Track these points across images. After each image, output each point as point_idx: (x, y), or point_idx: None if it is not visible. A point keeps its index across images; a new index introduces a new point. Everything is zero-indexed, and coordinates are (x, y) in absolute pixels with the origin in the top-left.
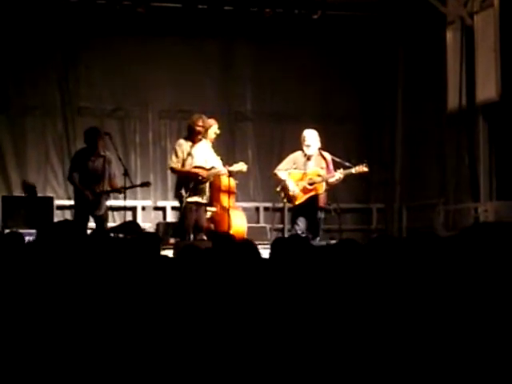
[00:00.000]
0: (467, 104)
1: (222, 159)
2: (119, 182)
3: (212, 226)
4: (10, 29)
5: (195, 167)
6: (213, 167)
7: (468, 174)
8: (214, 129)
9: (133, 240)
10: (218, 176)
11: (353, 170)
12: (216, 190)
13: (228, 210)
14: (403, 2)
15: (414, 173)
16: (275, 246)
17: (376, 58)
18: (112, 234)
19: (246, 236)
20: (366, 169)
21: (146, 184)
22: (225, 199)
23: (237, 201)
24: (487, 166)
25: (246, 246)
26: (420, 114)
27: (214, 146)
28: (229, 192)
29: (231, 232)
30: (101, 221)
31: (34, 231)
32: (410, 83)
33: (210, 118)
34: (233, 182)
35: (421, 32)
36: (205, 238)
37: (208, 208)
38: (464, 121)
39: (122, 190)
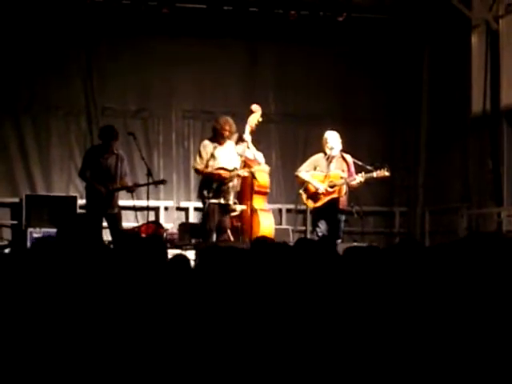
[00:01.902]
0: (491, 108)
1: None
2: (133, 181)
3: (239, 224)
4: (36, 28)
5: (218, 168)
6: (235, 168)
7: (491, 178)
8: (256, 116)
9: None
10: (250, 175)
11: (374, 174)
12: (247, 188)
13: (257, 211)
14: (429, 5)
15: (438, 176)
16: (298, 247)
17: (401, 61)
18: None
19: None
20: (387, 173)
21: (161, 182)
22: (255, 199)
23: None
24: (511, 171)
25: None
26: (444, 117)
27: (252, 135)
28: (261, 192)
29: (259, 233)
30: (114, 220)
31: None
32: (435, 87)
33: (253, 104)
34: (266, 182)
35: (446, 35)
36: (232, 238)
37: (237, 206)
38: (488, 125)
39: (135, 188)
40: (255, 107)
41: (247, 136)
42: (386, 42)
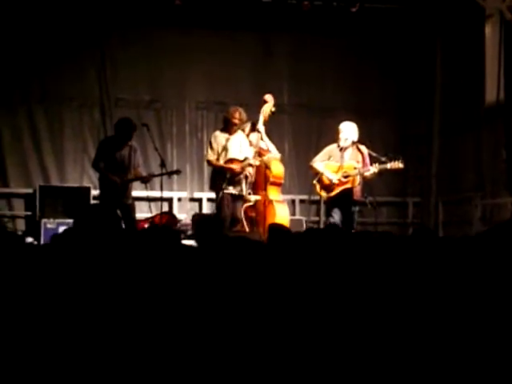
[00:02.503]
0: (505, 98)
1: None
2: (146, 172)
3: (254, 214)
4: (49, 20)
5: (229, 160)
6: (246, 158)
7: (505, 168)
8: (269, 106)
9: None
10: (264, 165)
11: (388, 166)
12: (261, 179)
13: (272, 201)
14: None
15: (451, 166)
16: (308, 237)
17: (414, 52)
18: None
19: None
20: (401, 165)
21: (175, 172)
22: (270, 190)
23: None
24: None
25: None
26: (457, 107)
27: (265, 125)
28: (276, 183)
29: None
30: (128, 210)
31: (70, 221)
32: (448, 77)
33: (266, 93)
34: (281, 173)
35: (459, 25)
36: (247, 229)
37: (252, 196)
38: (501, 114)
39: (150, 178)
40: (268, 97)
41: (261, 127)
42: (398, 33)
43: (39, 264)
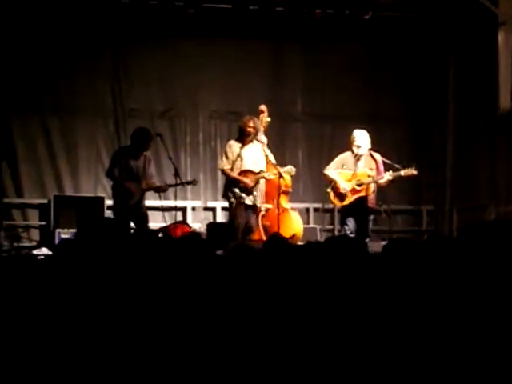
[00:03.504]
0: None
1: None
2: (160, 181)
3: (268, 223)
4: (62, 29)
5: (244, 171)
6: (261, 171)
7: None
8: (265, 116)
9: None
10: (279, 174)
11: (402, 173)
12: (273, 188)
13: (287, 210)
14: (454, 2)
15: (465, 174)
16: (327, 246)
17: (427, 59)
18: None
19: (302, 235)
20: (415, 172)
21: (192, 182)
22: (282, 199)
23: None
24: None
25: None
26: (471, 114)
27: (266, 135)
28: (284, 191)
29: (292, 231)
30: (142, 220)
31: None
32: (461, 84)
33: (259, 105)
34: (289, 181)
35: (472, 32)
36: (264, 237)
37: (264, 205)
38: None
39: (167, 188)
40: (263, 107)
41: (263, 138)
42: (411, 40)
43: (37, 275)
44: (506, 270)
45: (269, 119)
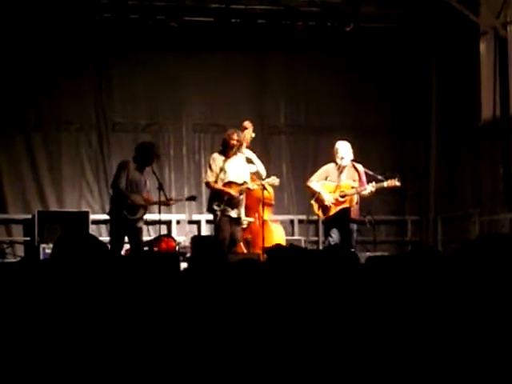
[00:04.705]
0: (501, 115)
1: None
2: (154, 196)
3: (250, 236)
4: (45, 45)
5: (228, 183)
6: (245, 182)
7: (503, 184)
8: (249, 132)
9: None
10: (262, 186)
11: (385, 184)
12: (254, 201)
13: (267, 221)
14: (436, 13)
15: (449, 184)
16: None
17: (409, 70)
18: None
19: None
20: (398, 183)
21: (192, 198)
22: (264, 211)
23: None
24: None
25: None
26: (454, 125)
27: (253, 150)
28: (267, 204)
29: (272, 244)
30: (137, 233)
31: None
32: (444, 94)
33: (245, 121)
34: (272, 194)
35: (454, 43)
36: (245, 250)
37: (245, 218)
38: (498, 132)
39: (170, 203)
40: (247, 123)
41: (246, 151)
42: (394, 51)
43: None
44: (493, 281)
45: (253, 135)
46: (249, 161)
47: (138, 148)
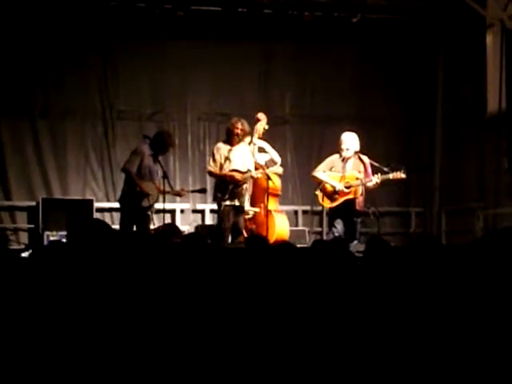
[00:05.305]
0: (507, 107)
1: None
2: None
3: (254, 226)
4: (51, 32)
5: (231, 171)
6: (249, 170)
7: (507, 177)
8: (262, 124)
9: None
10: (263, 177)
11: (390, 176)
12: (260, 191)
13: (271, 212)
14: (443, 4)
15: (454, 177)
16: (315, 248)
17: (416, 61)
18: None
19: (287, 238)
20: (403, 175)
21: (203, 190)
22: (269, 201)
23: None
24: None
25: (284, 249)
26: (459, 117)
27: (267, 141)
28: (273, 194)
29: (274, 234)
30: (145, 221)
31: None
32: (450, 86)
33: (259, 112)
34: (278, 184)
35: (461, 35)
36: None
37: (251, 208)
38: (503, 124)
39: (182, 194)
40: (261, 115)
41: (257, 141)
42: (400, 43)
43: (24, 276)
44: (495, 275)
45: (266, 127)
46: (261, 150)
47: (155, 135)
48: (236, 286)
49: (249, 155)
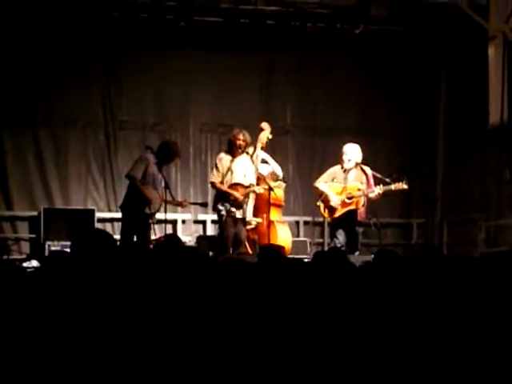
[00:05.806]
0: (509, 119)
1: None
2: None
3: (256, 237)
4: (54, 42)
5: (234, 184)
6: (251, 184)
7: (509, 189)
8: (266, 133)
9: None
10: (268, 187)
11: (392, 187)
12: (263, 201)
13: (273, 222)
14: (445, 16)
15: (456, 188)
16: (316, 260)
17: (418, 73)
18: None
19: (290, 250)
20: (405, 186)
21: (204, 204)
22: (271, 212)
23: None
24: None
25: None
26: (461, 128)
27: (267, 152)
28: (276, 204)
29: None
30: (146, 229)
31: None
32: (452, 98)
33: (262, 122)
34: (281, 195)
35: (463, 47)
36: (250, 251)
37: (253, 218)
38: (505, 136)
39: (184, 205)
40: (265, 125)
41: (260, 152)
42: (403, 54)
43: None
44: (494, 284)
45: (270, 136)
46: (264, 161)
47: (161, 145)
48: (236, 298)
49: (251, 167)
